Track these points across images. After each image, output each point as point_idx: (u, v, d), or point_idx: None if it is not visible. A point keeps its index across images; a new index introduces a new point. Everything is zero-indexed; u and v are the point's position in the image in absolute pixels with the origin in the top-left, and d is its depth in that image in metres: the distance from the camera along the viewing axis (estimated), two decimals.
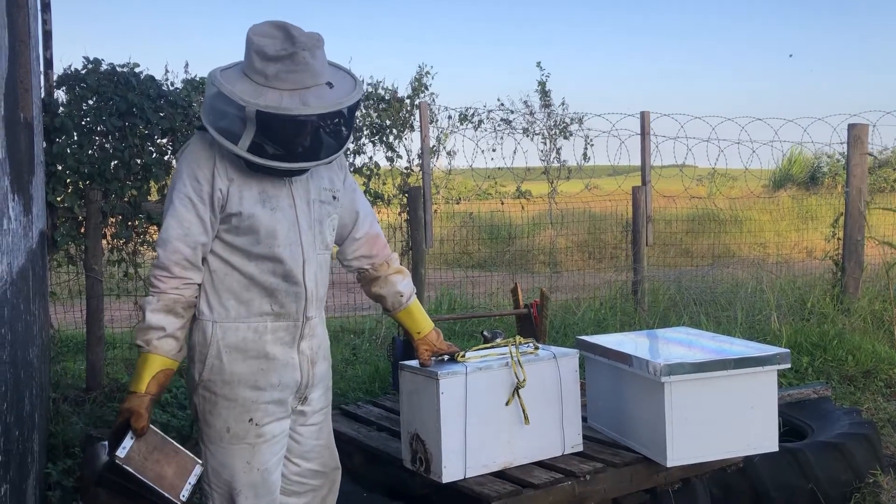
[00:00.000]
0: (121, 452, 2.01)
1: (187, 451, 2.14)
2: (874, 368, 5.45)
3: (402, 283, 2.50)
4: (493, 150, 7.63)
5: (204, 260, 2.17)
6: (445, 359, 2.62)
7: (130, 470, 2.01)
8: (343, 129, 2.15)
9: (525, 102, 7.94)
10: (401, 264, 2.55)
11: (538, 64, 8.09)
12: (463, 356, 2.60)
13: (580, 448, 2.77)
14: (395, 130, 6.29)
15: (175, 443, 2.13)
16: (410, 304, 2.52)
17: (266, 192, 2.16)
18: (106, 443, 2.11)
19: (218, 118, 2.08)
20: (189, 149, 2.16)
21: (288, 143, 2.07)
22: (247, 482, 2.20)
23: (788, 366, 2.82)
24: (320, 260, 2.29)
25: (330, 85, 2.11)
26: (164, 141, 4.98)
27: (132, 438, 2.04)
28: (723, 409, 2.71)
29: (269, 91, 2.03)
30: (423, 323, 2.56)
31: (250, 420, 2.19)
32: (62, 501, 3.22)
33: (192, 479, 2.09)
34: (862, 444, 3.50)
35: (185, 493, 2.07)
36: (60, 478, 3.34)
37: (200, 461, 2.15)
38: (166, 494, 2.04)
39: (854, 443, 3.47)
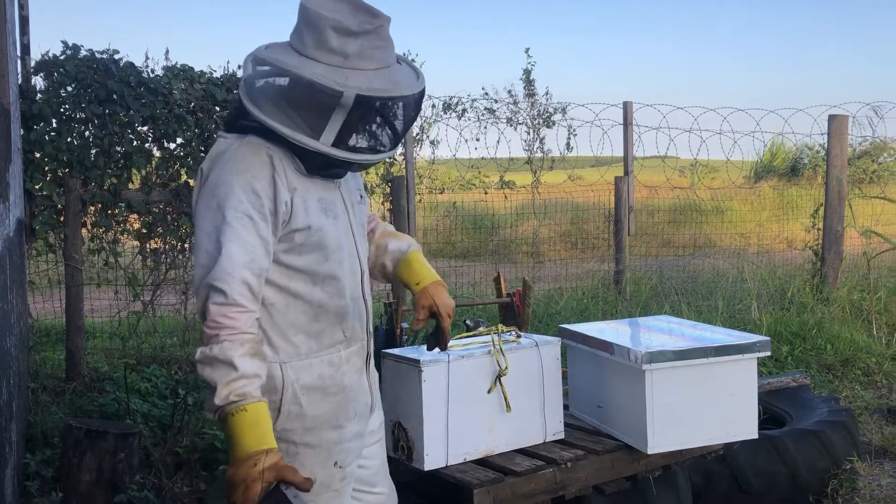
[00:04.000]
0: None
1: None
2: (852, 357, 5.52)
3: (404, 238, 2.22)
4: (477, 140, 7.61)
5: None
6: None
7: None
8: (415, 112, 1.90)
9: (509, 92, 7.93)
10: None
11: (527, 51, 8.03)
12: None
13: (562, 435, 2.78)
14: None
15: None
16: (409, 254, 2.16)
17: (324, 199, 1.87)
18: None
19: (288, 112, 1.76)
20: (233, 155, 1.78)
21: (377, 132, 1.81)
22: None
23: (768, 354, 2.84)
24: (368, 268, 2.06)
25: (399, 62, 1.86)
26: (145, 129, 4.93)
27: (295, 496, 1.73)
28: (703, 397, 2.73)
29: (353, 73, 1.74)
30: (422, 272, 2.14)
31: (335, 464, 1.92)
32: (41, 492, 3.19)
33: None
34: (840, 432, 3.54)
35: None
36: (39, 468, 3.32)
37: None
38: None
39: (832, 430, 3.51)
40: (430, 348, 2.26)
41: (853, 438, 3.63)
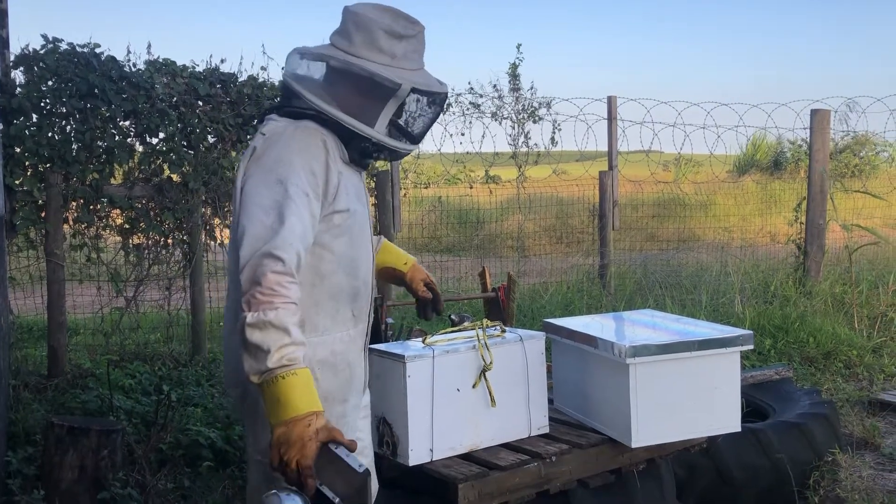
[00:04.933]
0: (363, 469, 1.72)
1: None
2: (834, 350, 5.57)
3: None
4: (462, 135, 7.60)
5: None
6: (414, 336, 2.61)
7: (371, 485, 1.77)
8: (440, 111, 2.13)
9: (494, 86, 7.93)
10: None
11: (518, 46, 8.05)
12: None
13: (546, 430, 2.79)
14: None
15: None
16: (384, 243, 2.47)
17: (357, 186, 2.05)
18: (282, 494, 1.71)
19: (346, 103, 1.94)
20: (292, 136, 1.92)
21: (419, 124, 2.04)
22: None
23: (751, 347, 2.85)
24: None
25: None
26: (127, 123, 4.89)
27: (349, 454, 1.75)
28: (687, 391, 2.74)
29: (399, 71, 1.95)
30: (403, 255, 2.50)
31: None
32: (23, 489, 3.17)
33: None
34: (821, 424, 3.57)
35: None
36: (21, 466, 3.29)
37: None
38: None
39: (814, 422, 3.54)
40: (428, 317, 2.52)
41: (835, 430, 3.66)
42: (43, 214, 4.58)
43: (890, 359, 5.48)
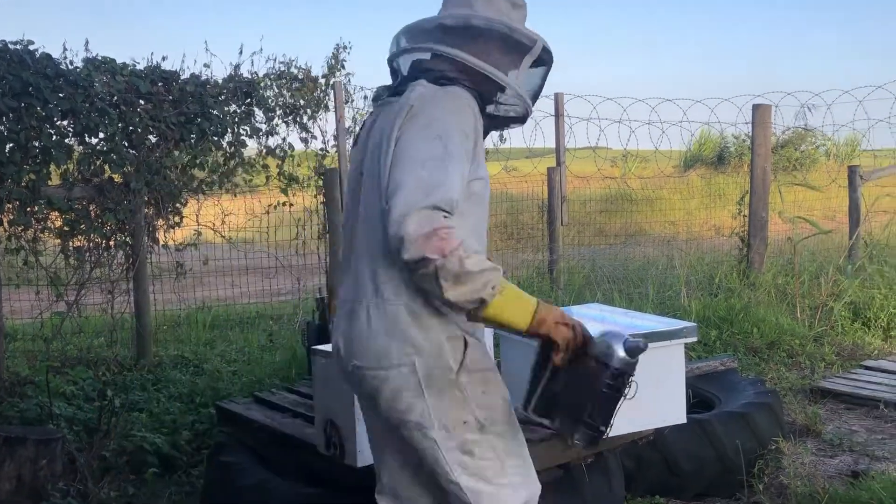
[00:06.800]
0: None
1: None
2: (777, 340, 5.69)
3: None
4: None
5: None
6: None
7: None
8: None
9: None
10: (317, 248, 2.45)
11: None
12: None
13: None
14: (308, 111, 6.17)
15: None
16: None
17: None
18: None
19: (487, 59, 1.94)
20: (444, 97, 1.88)
21: (538, 89, 2.06)
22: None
23: (695, 339, 2.89)
24: None
25: None
26: (65, 123, 4.76)
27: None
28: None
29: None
30: None
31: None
32: None
33: None
34: (765, 413, 3.63)
35: None
36: None
37: None
38: None
39: (758, 411, 3.60)
40: None
41: (778, 419, 3.74)
42: None
43: (830, 347, 5.63)
